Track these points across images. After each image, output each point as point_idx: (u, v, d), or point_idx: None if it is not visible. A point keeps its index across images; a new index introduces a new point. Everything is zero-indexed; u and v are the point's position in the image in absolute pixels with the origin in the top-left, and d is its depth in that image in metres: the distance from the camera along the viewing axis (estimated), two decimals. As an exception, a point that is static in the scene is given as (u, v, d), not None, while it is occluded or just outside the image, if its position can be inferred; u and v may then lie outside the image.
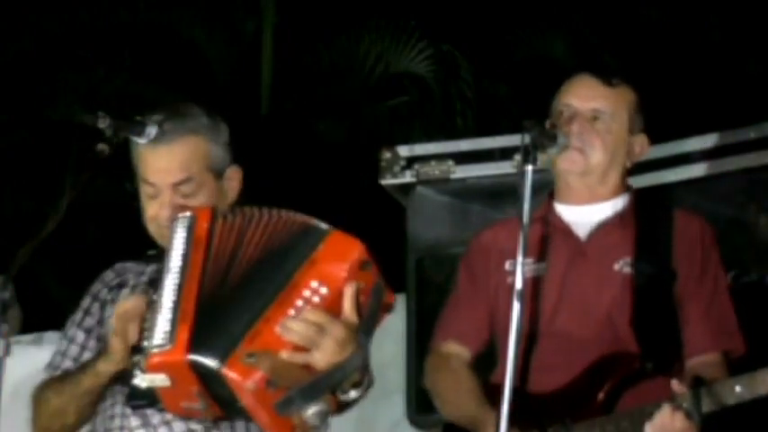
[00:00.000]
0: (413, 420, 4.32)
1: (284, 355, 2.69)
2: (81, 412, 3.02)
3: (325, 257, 2.76)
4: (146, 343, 2.78)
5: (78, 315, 3.17)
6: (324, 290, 2.74)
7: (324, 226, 2.84)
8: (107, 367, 2.90)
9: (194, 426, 2.91)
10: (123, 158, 3.08)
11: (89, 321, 3.14)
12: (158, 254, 3.08)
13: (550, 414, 3.06)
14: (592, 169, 3.20)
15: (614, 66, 8.13)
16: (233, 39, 8.72)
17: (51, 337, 4.68)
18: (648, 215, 3.25)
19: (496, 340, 3.26)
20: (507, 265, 3.23)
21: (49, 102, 8.39)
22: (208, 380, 2.73)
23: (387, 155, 4.51)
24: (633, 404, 3.02)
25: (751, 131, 4.06)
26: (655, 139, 4.31)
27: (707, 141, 4.14)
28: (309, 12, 8.76)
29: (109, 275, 3.19)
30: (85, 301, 3.18)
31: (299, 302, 2.73)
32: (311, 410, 2.68)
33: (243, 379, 2.67)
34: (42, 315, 4.12)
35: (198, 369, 2.72)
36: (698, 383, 2.92)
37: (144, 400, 2.86)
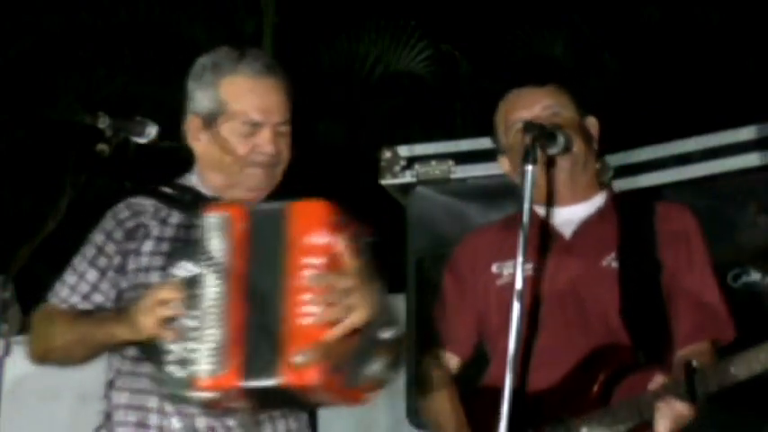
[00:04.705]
0: (413, 420, 4.32)
1: (327, 336, 2.65)
2: (87, 356, 2.98)
3: (300, 234, 2.72)
4: (192, 354, 2.71)
5: (90, 251, 3.04)
6: (318, 261, 2.70)
7: (276, 205, 2.80)
8: (126, 336, 2.83)
9: None
10: (123, 158, 3.06)
11: (103, 261, 3.02)
12: (178, 195, 3.03)
13: (547, 411, 3.08)
14: (577, 158, 3.21)
15: (614, 66, 8.14)
16: (233, 39, 8.72)
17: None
18: (629, 209, 3.28)
19: (486, 343, 3.28)
20: (494, 268, 3.27)
21: (49, 102, 8.39)
22: (260, 395, 2.73)
23: (387, 155, 4.50)
24: (628, 395, 3.03)
25: (751, 131, 4.06)
26: (655, 139, 4.31)
27: (707, 141, 4.14)
28: (309, 12, 8.76)
29: (123, 212, 3.06)
30: (98, 238, 3.05)
31: (306, 281, 2.70)
32: (374, 367, 2.69)
33: (307, 381, 2.65)
34: (42, 315, 4.12)
35: (251, 390, 2.70)
36: (690, 368, 2.93)
37: (180, 386, 2.77)
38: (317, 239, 2.71)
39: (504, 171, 3.37)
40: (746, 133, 4.07)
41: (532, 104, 3.25)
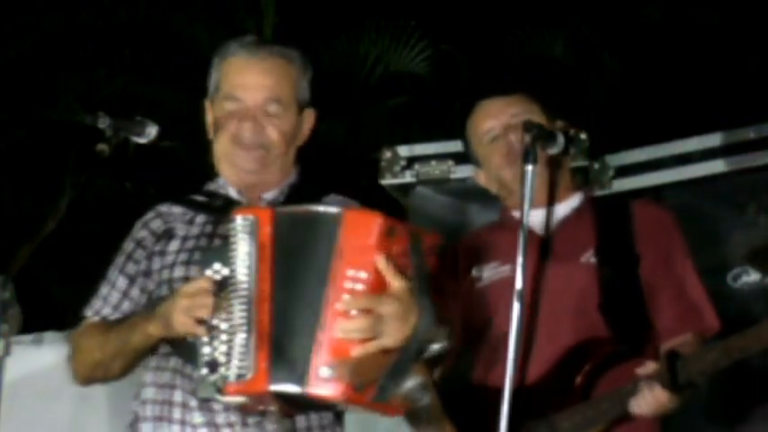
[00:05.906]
0: (413, 420, 4.32)
1: (356, 353, 2.65)
2: (126, 366, 3.00)
3: (349, 243, 2.68)
4: (222, 357, 2.71)
5: (121, 259, 3.08)
6: (363, 274, 2.66)
7: (333, 210, 2.76)
8: (160, 332, 2.84)
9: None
10: (123, 158, 3.06)
11: (132, 268, 3.06)
12: (205, 201, 3.04)
13: (531, 408, 3.08)
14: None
15: (614, 66, 8.13)
16: (233, 39, 8.72)
17: (51, 337, 4.68)
18: (605, 208, 3.31)
19: (471, 345, 3.28)
20: (473, 272, 3.29)
21: (49, 102, 8.39)
22: (289, 398, 2.73)
23: (387, 155, 4.51)
24: (611, 387, 3.05)
25: (751, 131, 4.06)
26: (655, 139, 4.31)
27: (707, 141, 4.14)
28: (309, 12, 8.75)
29: (155, 222, 3.09)
30: (128, 246, 3.09)
31: (346, 297, 2.67)
32: (408, 386, 2.67)
33: (329, 393, 2.67)
34: (42, 315, 4.13)
35: (279, 394, 2.71)
36: (673, 357, 2.94)
37: (212, 391, 2.77)
38: (367, 253, 2.67)
39: (482, 184, 3.38)
40: (746, 133, 4.07)
41: (500, 114, 3.27)
